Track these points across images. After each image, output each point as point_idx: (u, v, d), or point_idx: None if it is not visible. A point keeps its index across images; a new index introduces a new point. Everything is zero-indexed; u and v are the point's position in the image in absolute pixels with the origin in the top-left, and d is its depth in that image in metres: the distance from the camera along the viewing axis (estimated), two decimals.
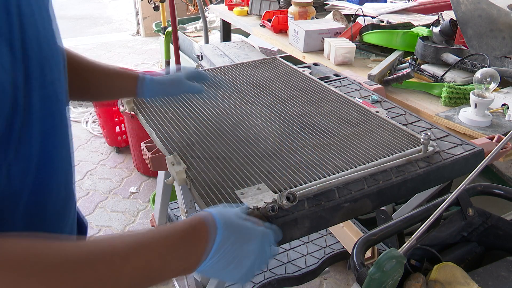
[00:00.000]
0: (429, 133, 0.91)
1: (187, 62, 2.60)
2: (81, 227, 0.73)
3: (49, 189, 0.54)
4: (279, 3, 2.31)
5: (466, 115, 1.23)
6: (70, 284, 0.42)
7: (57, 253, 0.43)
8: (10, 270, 0.39)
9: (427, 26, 1.77)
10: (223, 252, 0.55)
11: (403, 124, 1.06)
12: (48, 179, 0.54)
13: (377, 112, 1.08)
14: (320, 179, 0.82)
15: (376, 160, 0.88)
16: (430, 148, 0.92)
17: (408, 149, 0.92)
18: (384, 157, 0.89)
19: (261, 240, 0.60)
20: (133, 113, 1.12)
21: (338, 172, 0.84)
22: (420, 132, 0.99)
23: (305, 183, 0.81)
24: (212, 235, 0.55)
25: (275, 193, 0.77)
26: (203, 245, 0.54)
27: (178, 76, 0.97)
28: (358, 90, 1.27)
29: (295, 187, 0.80)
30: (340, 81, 1.33)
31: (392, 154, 0.91)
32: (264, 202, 0.74)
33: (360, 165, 0.86)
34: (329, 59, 1.71)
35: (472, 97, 1.21)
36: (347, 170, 0.85)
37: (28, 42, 0.46)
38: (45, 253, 0.42)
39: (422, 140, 0.91)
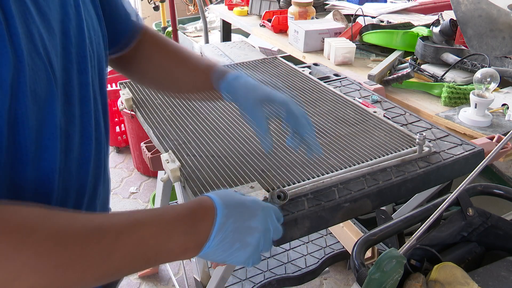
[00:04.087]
0: (424, 134, 0.91)
1: None
2: None
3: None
4: (279, 3, 2.31)
5: (466, 115, 1.23)
6: (61, 255, 0.42)
7: (52, 225, 0.43)
8: (4, 237, 0.40)
9: (427, 26, 1.77)
10: (225, 231, 0.52)
11: (403, 124, 1.06)
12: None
13: (374, 112, 1.08)
14: (313, 178, 0.82)
15: (371, 160, 0.89)
16: (426, 149, 0.92)
17: (404, 149, 0.93)
18: (379, 157, 0.90)
19: (263, 215, 0.57)
20: (133, 113, 1.12)
21: (332, 172, 0.84)
22: (420, 132, 0.99)
23: (298, 182, 0.82)
24: (212, 215, 0.53)
25: (268, 191, 0.78)
26: (203, 226, 0.52)
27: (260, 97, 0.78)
28: (358, 90, 1.27)
29: (288, 185, 0.80)
30: (340, 81, 1.33)
31: (388, 154, 0.91)
32: None
33: (354, 165, 0.87)
34: (329, 59, 1.71)
35: (472, 97, 1.21)
36: (341, 169, 0.85)
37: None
38: (40, 223, 0.42)
39: (417, 140, 0.91)
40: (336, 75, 1.38)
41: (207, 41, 2.82)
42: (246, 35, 2.93)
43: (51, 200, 0.51)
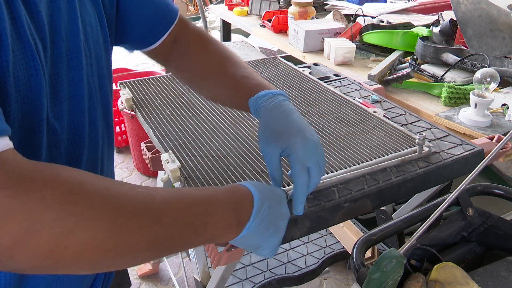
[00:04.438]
0: (424, 134, 0.91)
1: None
2: None
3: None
4: (279, 3, 2.31)
5: (466, 115, 1.23)
6: (115, 210, 0.42)
7: (102, 181, 0.44)
8: (57, 191, 0.39)
9: (427, 26, 1.77)
10: (262, 214, 0.54)
11: (403, 124, 1.06)
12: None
13: (374, 112, 1.08)
14: None
15: (371, 160, 0.89)
16: (426, 149, 0.92)
17: (403, 149, 0.93)
18: (379, 157, 0.90)
19: (286, 202, 0.61)
20: (133, 113, 1.12)
21: (332, 172, 0.84)
22: (420, 132, 0.99)
23: None
24: (250, 198, 0.54)
25: None
26: (244, 205, 0.53)
27: (298, 127, 0.64)
28: (358, 90, 1.27)
29: (288, 186, 0.80)
30: (340, 81, 1.33)
31: (388, 154, 0.91)
32: None
33: (354, 165, 0.87)
34: (329, 59, 1.71)
35: (472, 97, 1.21)
36: (341, 169, 0.85)
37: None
38: (91, 180, 0.43)
39: (417, 140, 0.91)
40: (336, 75, 1.38)
41: None
42: (246, 35, 2.93)
43: None
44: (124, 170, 2.61)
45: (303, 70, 1.35)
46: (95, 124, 0.59)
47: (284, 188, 0.78)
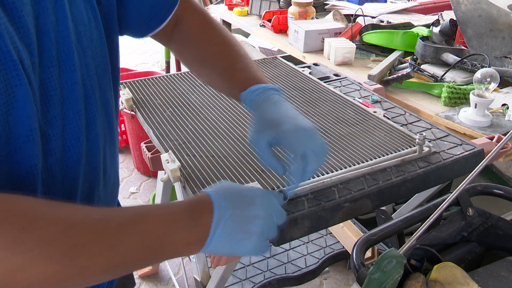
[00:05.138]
0: (424, 134, 0.91)
1: None
2: None
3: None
4: (279, 3, 2.31)
5: (466, 115, 1.23)
6: (67, 242, 0.42)
7: (55, 213, 0.43)
8: (5, 226, 0.39)
9: (427, 26, 1.77)
10: (225, 223, 0.52)
11: (403, 124, 1.06)
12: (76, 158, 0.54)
13: (374, 112, 1.08)
14: (313, 178, 0.82)
15: (371, 160, 0.89)
16: (426, 149, 0.92)
17: (403, 149, 0.93)
18: (379, 157, 0.90)
19: (262, 202, 0.55)
20: (133, 113, 1.12)
21: (332, 172, 0.84)
22: (420, 132, 0.99)
23: None
24: (210, 209, 0.52)
25: None
26: (203, 219, 0.51)
27: (285, 119, 0.64)
28: (358, 90, 1.27)
29: (288, 186, 0.80)
30: (340, 81, 1.33)
31: (388, 154, 0.91)
32: None
33: (354, 165, 0.87)
34: (329, 59, 1.71)
35: (472, 97, 1.21)
36: (341, 169, 0.85)
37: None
38: (43, 211, 0.42)
39: (417, 140, 0.91)
40: (336, 75, 1.38)
41: None
42: (246, 35, 2.92)
43: None
44: (124, 170, 2.61)
45: (303, 70, 1.35)
46: (93, 125, 0.57)
47: (284, 188, 0.78)
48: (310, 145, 0.61)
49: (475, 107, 1.21)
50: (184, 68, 2.47)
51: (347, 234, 1.42)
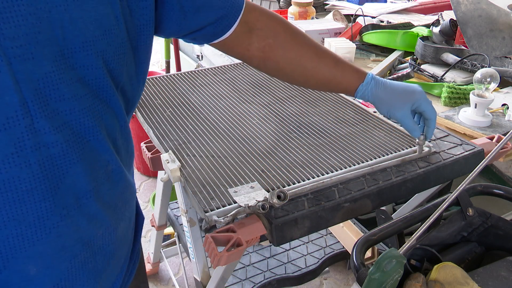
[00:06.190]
0: (424, 134, 0.91)
1: (187, 62, 2.60)
2: (138, 217, 0.74)
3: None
4: (279, 3, 2.31)
5: (466, 115, 1.23)
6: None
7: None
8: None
9: (427, 26, 1.77)
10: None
11: None
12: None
13: (374, 112, 1.08)
14: (313, 178, 0.83)
15: (371, 160, 0.89)
16: (426, 149, 0.92)
17: (403, 149, 0.93)
18: (379, 157, 0.90)
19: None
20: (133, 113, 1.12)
21: (332, 172, 0.84)
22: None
23: (298, 182, 0.82)
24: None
25: (268, 191, 0.78)
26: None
27: (406, 91, 0.83)
28: None
29: (288, 185, 0.80)
30: None
31: (388, 154, 0.91)
32: (256, 200, 0.74)
33: (354, 165, 0.87)
34: None
35: (472, 97, 1.21)
36: (341, 169, 0.85)
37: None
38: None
39: (417, 140, 0.91)
40: None
41: None
42: None
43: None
44: None
45: None
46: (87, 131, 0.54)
47: (285, 188, 0.78)
48: (433, 109, 0.84)
49: (475, 107, 1.21)
50: (184, 68, 2.47)
51: (347, 234, 1.42)
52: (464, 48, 1.58)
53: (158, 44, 4.48)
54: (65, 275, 0.55)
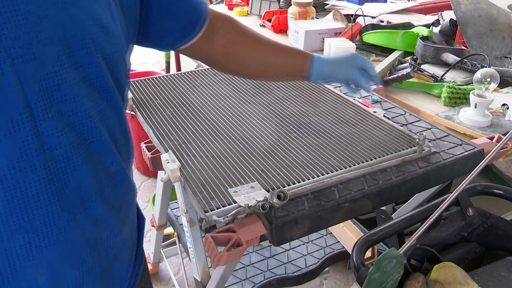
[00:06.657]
0: (424, 134, 0.91)
1: (187, 62, 2.60)
2: (139, 218, 0.74)
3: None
4: (279, 3, 2.31)
5: (466, 115, 1.23)
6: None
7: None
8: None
9: (427, 26, 1.77)
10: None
11: (403, 124, 1.06)
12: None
13: (374, 112, 1.08)
14: (313, 178, 0.83)
15: (371, 160, 0.89)
16: (426, 149, 0.92)
17: (403, 150, 0.93)
18: (379, 157, 0.90)
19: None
20: (133, 113, 1.12)
21: (332, 172, 0.84)
22: (420, 132, 0.99)
23: (298, 182, 0.82)
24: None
25: (268, 191, 0.78)
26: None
27: (347, 59, 0.90)
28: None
29: (288, 185, 0.80)
30: None
31: (388, 154, 0.91)
32: (256, 200, 0.74)
33: (354, 165, 0.87)
34: None
35: (472, 97, 1.21)
36: (341, 169, 0.85)
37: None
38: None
39: (417, 140, 0.91)
40: None
41: None
42: None
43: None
44: None
45: None
46: (90, 132, 0.55)
47: (285, 188, 0.78)
48: (370, 62, 0.92)
49: (475, 107, 1.21)
50: (184, 68, 2.47)
51: (347, 234, 1.42)
52: (464, 48, 1.58)
53: None
54: (73, 281, 0.55)
